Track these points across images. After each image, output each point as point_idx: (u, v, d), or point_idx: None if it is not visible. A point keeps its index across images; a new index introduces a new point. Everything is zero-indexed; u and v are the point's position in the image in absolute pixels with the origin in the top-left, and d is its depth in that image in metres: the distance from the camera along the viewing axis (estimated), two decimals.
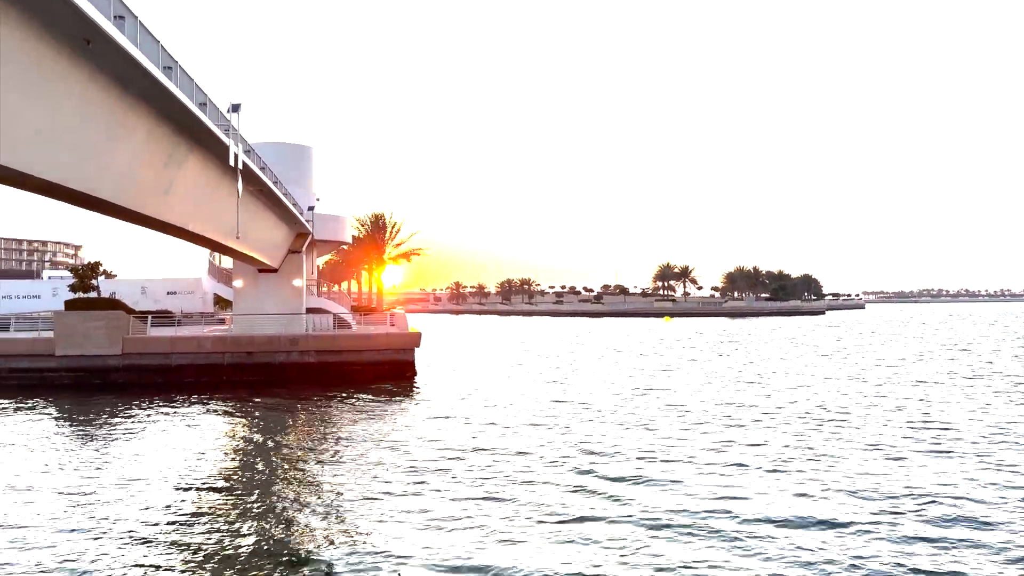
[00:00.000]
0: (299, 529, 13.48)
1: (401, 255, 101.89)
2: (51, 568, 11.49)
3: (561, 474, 17.01)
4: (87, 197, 16.68)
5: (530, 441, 20.84)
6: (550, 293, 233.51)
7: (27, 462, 19.13)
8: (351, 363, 37.45)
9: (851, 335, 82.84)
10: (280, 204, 34.14)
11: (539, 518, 13.60)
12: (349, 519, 13.87)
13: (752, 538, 12.55)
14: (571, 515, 13.71)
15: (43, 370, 35.84)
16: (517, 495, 15.18)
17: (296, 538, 12.99)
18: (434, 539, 12.54)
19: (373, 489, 15.93)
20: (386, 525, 13.37)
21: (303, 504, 15.11)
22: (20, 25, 11.91)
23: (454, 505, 14.52)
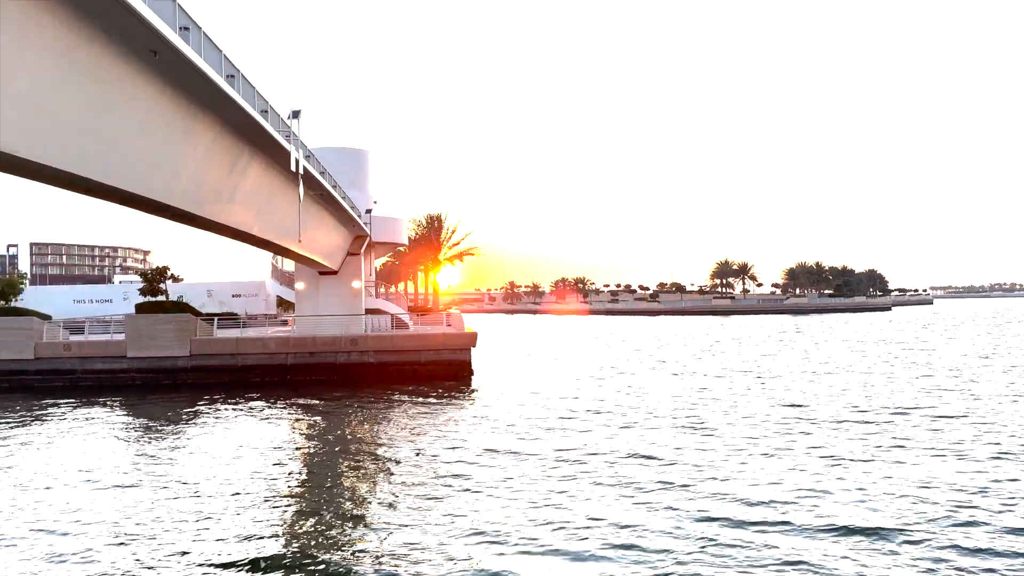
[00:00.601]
0: (355, 528, 13.64)
1: (456, 255, 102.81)
2: (116, 563, 11.97)
3: (618, 477, 16.78)
4: (158, 204, 17.33)
5: (587, 443, 20.65)
6: (605, 292, 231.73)
7: (99, 460, 19.94)
8: (409, 363, 37.92)
9: (925, 331, 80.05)
10: (339, 207, 34.80)
11: (595, 523, 13.43)
12: (404, 519, 13.99)
13: (812, 543, 12.26)
14: (627, 521, 13.47)
15: (115, 371, 37.31)
16: (573, 498, 15.04)
17: (351, 537, 13.16)
18: (487, 541, 12.52)
19: (428, 489, 16.04)
20: (439, 526, 13.44)
21: (360, 503, 15.34)
22: (93, 41, 12.44)
23: (509, 507, 14.48)
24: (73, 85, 12.42)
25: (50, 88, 11.91)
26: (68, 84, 12.29)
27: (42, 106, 11.87)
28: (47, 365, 37.41)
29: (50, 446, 22.05)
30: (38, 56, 11.33)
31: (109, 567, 11.74)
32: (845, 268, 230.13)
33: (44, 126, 12.10)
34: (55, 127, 12.40)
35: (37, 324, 38.42)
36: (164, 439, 23.01)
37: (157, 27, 12.48)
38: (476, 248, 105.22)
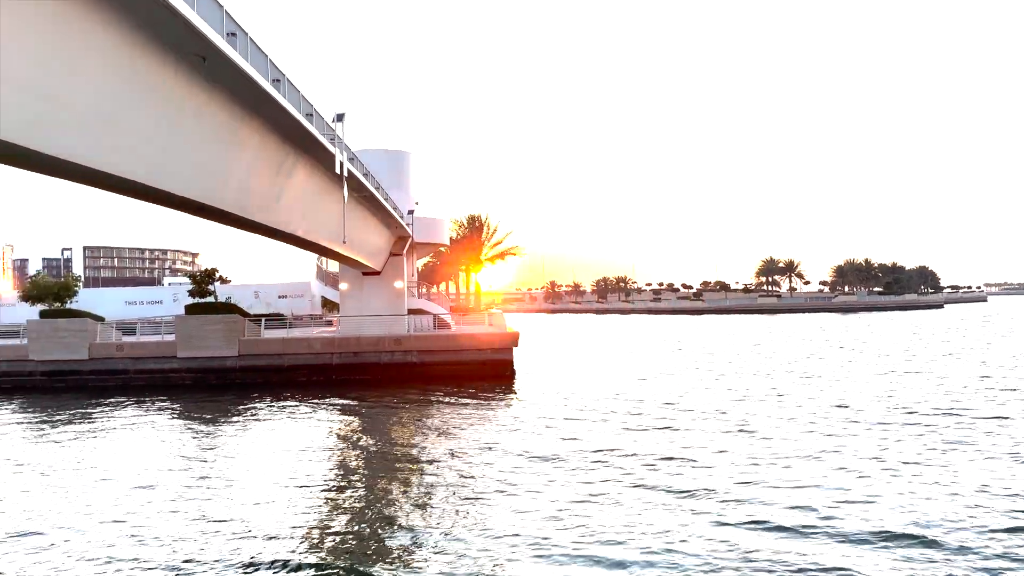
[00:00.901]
0: (394, 528, 13.68)
1: (497, 255, 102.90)
2: (165, 557, 12.21)
3: (661, 479, 16.59)
4: (208, 208, 17.67)
5: (629, 445, 20.44)
6: (647, 291, 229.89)
7: (150, 457, 20.42)
8: (451, 363, 38.08)
9: (979, 329, 77.67)
10: (382, 209, 35.11)
11: (637, 524, 13.29)
12: (444, 519, 14.02)
13: (861, 550, 11.93)
14: (668, 526, 13.27)
15: (166, 371, 38.24)
16: (616, 499, 14.90)
17: (389, 536, 13.22)
18: (526, 544, 12.43)
19: (470, 488, 16.10)
20: (481, 526, 13.45)
21: (399, 503, 15.39)
22: (146, 49, 12.71)
23: (550, 508, 14.39)
24: (128, 93, 12.72)
25: (108, 97, 12.21)
26: (124, 92, 12.59)
27: (100, 114, 12.17)
28: (101, 365, 38.52)
29: (104, 443, 22.66)
30: (97, 66, 11.62)
31: (158, 560, 12.00)
32: (895, 265, 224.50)
33: (100, 133, 12.41)
34: (112, 134, 12.70)
35: (91, 325, 39.57)
36: (213, 437, 23.47)
37: (207, 34, 12.70)
38: (517, 248, 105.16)
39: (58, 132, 11.28)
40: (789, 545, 12.12)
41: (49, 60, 10.56)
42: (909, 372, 37.66)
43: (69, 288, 70.50)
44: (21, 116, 10.31)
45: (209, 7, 13.11)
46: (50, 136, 11.10)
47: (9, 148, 10.42)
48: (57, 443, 22.94)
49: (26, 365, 38.64)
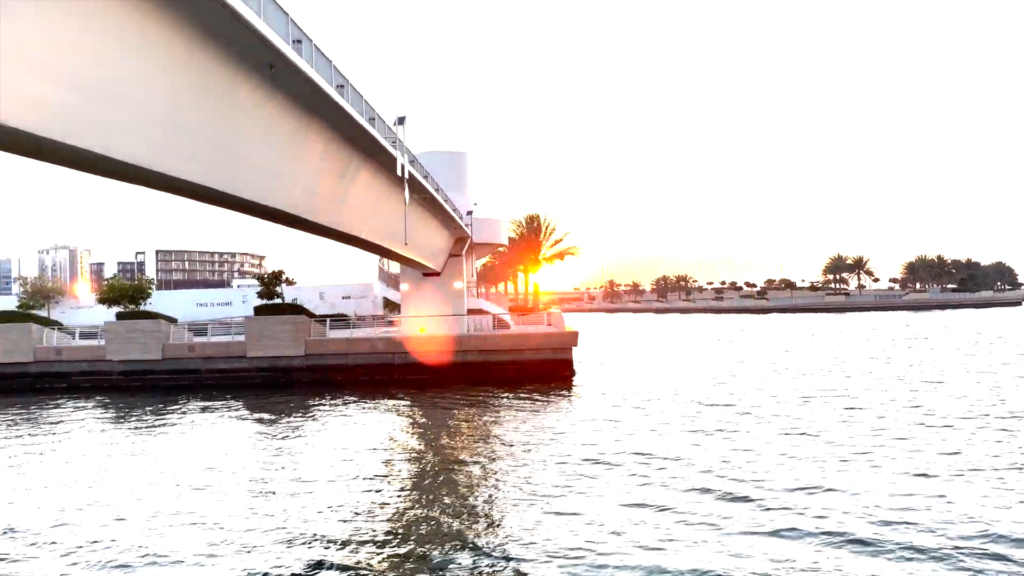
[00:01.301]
0: (451, 527, 13.75)
1: (555, 255, 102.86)
2: (230, 552, 12.61)
3: (720, 483, 16.10)
4: (275, 212, 18.18)
5: (691, 446, 20.07)
6: (709, 289, 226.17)
7: (223, 452, 21.10)
8: (511, 362, 38.22)
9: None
10: (442, 210, 35.50)
11: (694, 530, 12.99)
12: (500, 519, 14.04)
13: (930, 556, 11.50)
14: (728, 529, 12.95)
15: (236, 370, 39.45)
16: (673, 504, 14.54)
17: (446, 535, 13.29)
18: (582, 545, 12.32)
19: (527, 489, 16.04)
20: (536, 526, 13.38)
21: (457, 503, 15.45)
22: (216, 58, 13.16)
23: (605, 510, 14.21)
24: (199, 101, 13.20)
25: (180, 105, 12.69)
26: (195, 100, 13.07)
27: (172, 122, 12.67)
28: (174, 365, 39.99)
29: (179, 440, 23.53)
30: (168, 74, 12.10)
31: (228, 549, 12.42)
32: (970, 261, 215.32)
33: (174, 141, 12.91)
34: (183, 141, 13.20)
35: (164, 326, 41.10)
36: (280, 435, 24.08)
37: (274, 42, 13.08)
38: (575, 247, 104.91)
39: (130, 138, 11.77)
40: (854, 561, 11.74)
41: (121, 68, 11.02)
42: (983, 371, 36.10)
43: (143, 290, 73.64)
44: (93, 123, 10.79)
45: (275, 15, 13.50)
46: (122, 142, 11.59)
47: (81, 154, 10.92)
48: (137, 439, 23.93)
49: (104, 365, 40.39)
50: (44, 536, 13.86)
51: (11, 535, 14.02)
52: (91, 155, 11.08)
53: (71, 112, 10.28)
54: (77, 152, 10.81)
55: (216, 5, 11.36)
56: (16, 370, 40.90)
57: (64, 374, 40.71)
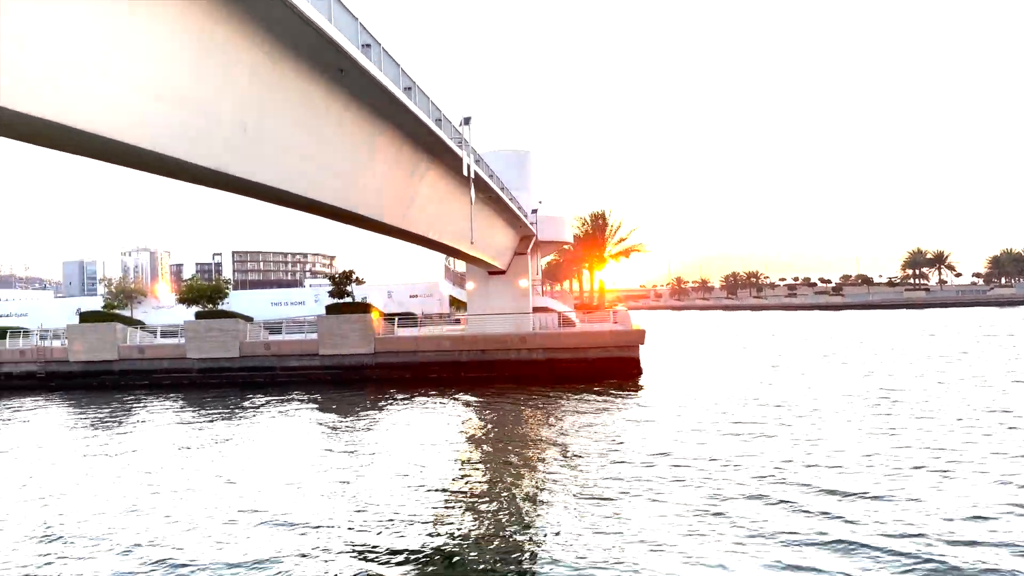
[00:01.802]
0: (513, 526, 13.73)
1: (621, 252, 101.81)
2: (312, 543, 12.91)
3: (788, 488, 15.52)
4: (346, 213, 18.57)
5: (761, 449, 19.44)
6: (781, 286, 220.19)
7: (298, 448, 21.67)
8: (577, 360, 38.10)
9: None
10: (507, 209, 35.61)
11: (761, 537, 12.57)
12: (563, 519, 13.94)
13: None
14: (797, 538, 12.44)
15: (309, 368, 40.50)
16: (739, 510, 14.07)
17: (509, 534, 13.28)
18: (645, 550, 12.10)
19: (590, 490, 15.86)
20: (594, 531, 13.22)
21: (522, 502, 15.37)
22: (288, 64, 13.51)
23: (668, 516, 13.87)
24: (273, 106, 13.57)
25: (254, 111, 13.08)
26: (269, 105, 13.45)
27: (245, 126, 13.06)
28: (250, 363, 41.32)
29: (257, 435, 24.28)
30: (244, 82, 12.48)
31: (300, 540, 12.75)
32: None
33: (247, 145, 13.31)
34: (261, 147, 13.60)
35: (241, 325, 42.49)
36: (350, 431, 24.58)
37: (344, 47, 13.35)
38: (641, 244, 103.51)
39: (209, 144, 12.19)
40: (946, 564, 11.24)
41: (201, 77, 11.42)
42: None
43: (220, 291, 76.28)
44: (174, 130, 11.22)
45: (345, 20, 13.77)
46: (201, 148, 12.02)
47: (163, 160, 11.37)
48: (217, 433, 24.81)
49: (184, 363, 42.05)
50: (126, 521, 14.52)
51: (103, 519, 14.73)
52: (172, 161, 11.53)
53: (154, 120, 10.71)
54: (159, 158, 11.26)
55: (289, 12, 11.65)
56: (102, 368, 42.96)
57: (146, 372, 42.54)
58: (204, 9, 10.94)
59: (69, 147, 10.46)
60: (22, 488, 18.21)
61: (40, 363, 43.96)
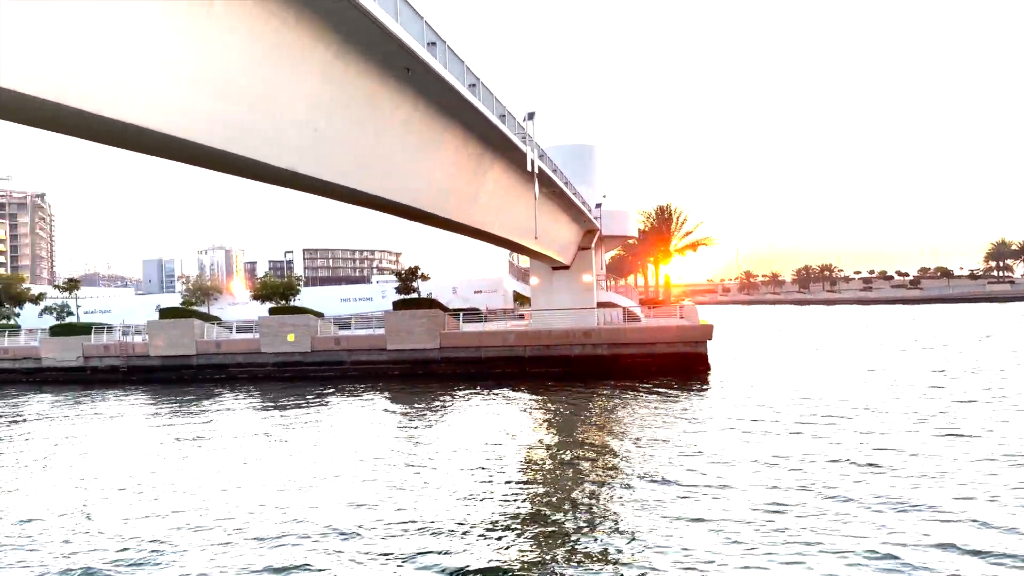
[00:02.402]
0: (573, 524, 13.63)
1: (687, 246, 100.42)
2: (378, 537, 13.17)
3: (865, 493, 14.79)
4: (412, 210, 18.85)
5: (831, 451, 18.65)
6: (855, 279, 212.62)
7: (366, 440, 22.13)
8: (642, 355, 37.71)
9: None
10: (571, 203, 35.50)
11: (819, 545, 12.04)
12: (624, 519, 13.77)
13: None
14: (873, 548, 11.86)
15: (377, 362, 41.26)
16: (809, 516, 13.46)
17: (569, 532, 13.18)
18: (709, 553, 11.82)
19: (655, 490, 15.61)
20: (662, 530, 13.02)
21: (582, 499, 15.29)
22: (357, 64, 13.78)
23: (731, 517, 13.49)
24: (342, 107, 13.87)
25: (323, 111, 13.40)
26: (338, 105, 13.75)
27: (316, 127, 13.39)
28: (321, 357, 42.36)
29: (328, 426, 24.92)
30: (313, 82, 12.79)
31: (372, 530, 13.03)
32: None
33: (317, 144, 13.65)
34: (328, 145, 13.93)
35: (313, 321, 43.60)
36: (415, 425, 24.95)
37: (411, 46, 13.54)
38: (709, 238, 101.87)
39: (278, 144, 12.55)
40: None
41: (270, 77, 11.76)
42: None
43: (292, 287, 78.49)
44: (243, 130, 11.57)
45: (411, 19, 13.95)
46: (270, 148, 12.38)
47: (231, 159, 11.75)
48: (293, 424, 25.57)
49: (259, 357, 43.40)
50: (212, 503, 15.13)
51: (198, 503, 15.40)
52: (245, 161, 11.91)
53: (227, 121, 11.09)
54: (232, 158, 11.65)
55: (356, 12, 11.87)
56: (181, 362, 44.73)
57: (222, 365, 44.09)
58: (275, 12, 11.25)
59: (145, 148, 10.92)
60: (121, 476, 19.15)
61: (123, 357, 46.06)
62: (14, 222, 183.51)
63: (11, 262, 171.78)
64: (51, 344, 47.49)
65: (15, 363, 48.51)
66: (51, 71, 8.04)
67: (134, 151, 11.13)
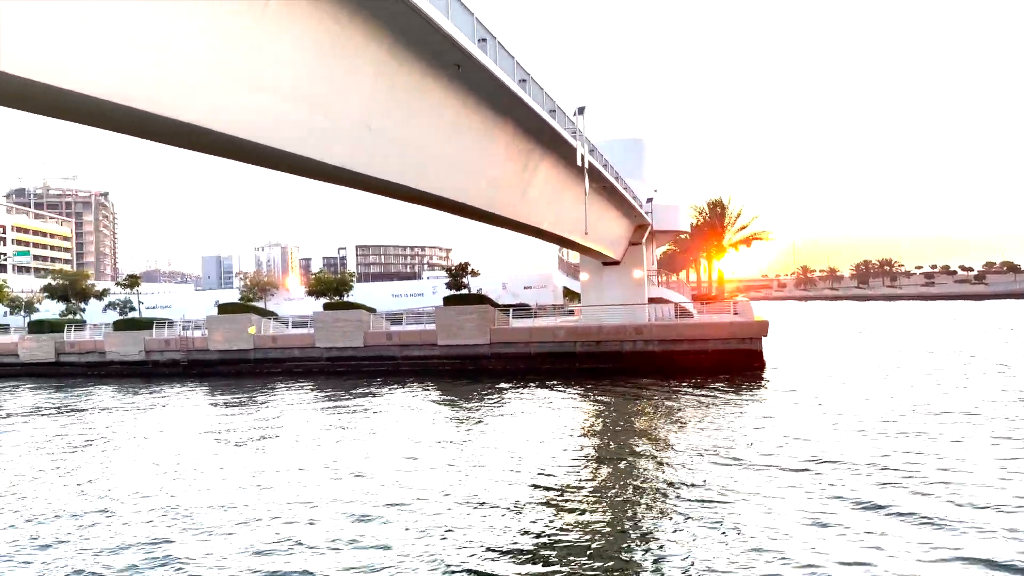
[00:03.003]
0: (621, 525, 13.47)
1: (741, 240, 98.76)
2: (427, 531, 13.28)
3: (921, 502, 14.08)
4: (462, 206, 18.94)
5: (888, 456, 17.82)
6: (917, 274, 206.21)
7: (417, 434, 22.35)
8: (694, 352, 37.20)
9: None
10: (621, 198, 35.21)
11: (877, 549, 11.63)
12: (670, 523, 13.53)
13: None
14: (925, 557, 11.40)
15: (428, 357, 41.64)
16: (868, 527, 12.91)
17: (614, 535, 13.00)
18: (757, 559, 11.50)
19: (704, 491, 15.26)
20: (709, 534, 12.70)
21: (630, 500, 15.10)
22: (408, 62, 13.89)
23: (783, 526, 12.99)
24: (394, 103, 14.01)
25: (377, 108, 13.55)
26: (390, 103, 13.89)
27: (368, 124, 13.55)
28: (373, 352, 42.95)
29: (380, 419, 25.25)
30: (367, 81, 12.94)
31: (428, 521, 13.16)
32: None
33: (370, 142, 13.81)
34: (381, 143, 14.09)
35: (365, 316, 44.23)
36: (468, 419, 25.09)
37: (462, 43, 13.59)
38: (764, 232, 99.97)
39: (332, 142, 12.73)
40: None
41: (324, 76, 11.93)
42: None
43: (346, 283, 79.76)
44: (300, 129, 11.77)
45: (462, 16, 14.00)
46: (325, 146, 12.57)
47: (290, 158, 11.96)
48: (349, 418, 26.01)
49: (313, 351, 44.24)
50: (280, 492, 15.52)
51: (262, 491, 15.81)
52: (300, 159, 12.13)
53: (283, 120, 11.29)
54: (288, 156, 11.87)
55: (409, 10, 11.97)
56: (239, 356, 45.88)
57: (279, 360, 45.07)
58: (329, 12, 11.41)
59: (205, 148, 11.20)
60: (196, 461, 19.77)
61: (183, 351, 47.47)
62: (79, 220, 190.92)
63: (76, 259, 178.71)
64: (115, 338, 49.22)
65: (80, 356, 50.46)
66: (119, 74, 8.30)
67: (194, 151, 11.44)
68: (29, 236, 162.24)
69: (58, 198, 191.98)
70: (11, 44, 7.15)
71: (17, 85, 7.51)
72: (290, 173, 13.84)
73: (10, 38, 7.13)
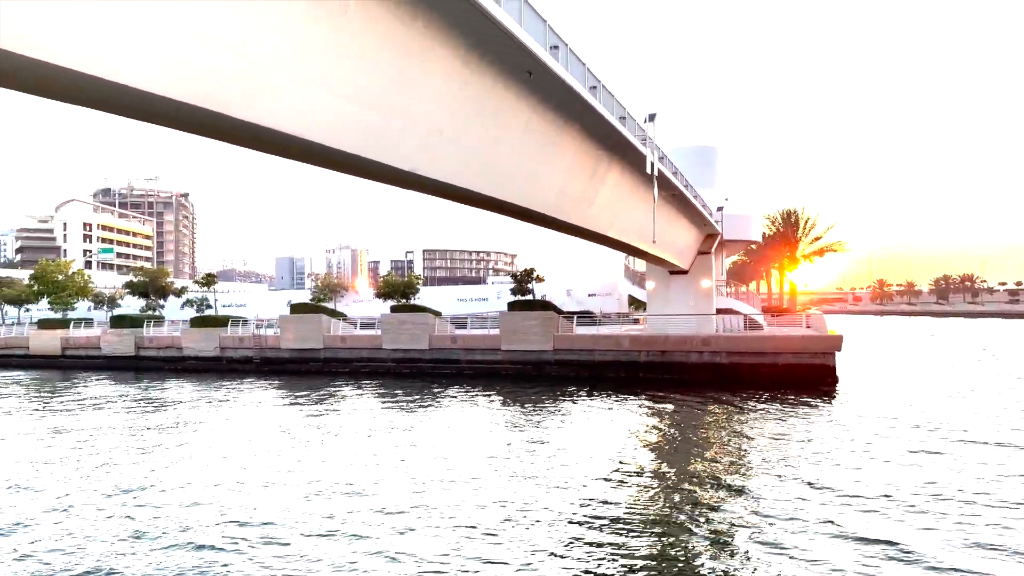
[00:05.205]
0: (684, 540, 13.21)
1: (815, 252, 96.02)
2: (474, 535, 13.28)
3: (983, 532, 13.31)
4: (529, 212, 18.99)
5: (971, 479, 17.00)
6: (1001, 291, 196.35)
7: (477, 436, 22.44)
8: (764, 365, 36.25)
9: None
10: (691, 207, 34.68)
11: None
12: (734, 543, 13.15)
13: None
14: None
15: (491, 362, 41.82)
16: (927, 550, 12.29)
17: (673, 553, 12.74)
18: None
19: (768, 512, 14.78)
20: (768, 560, 12.25)
21: (694, 514, 14.83)
22: (480, 68, 14.01)
23: (849, 550, 12.43)
24: (465, 109, 14.16)
25: (448, 114, 13.72)
26: (462, 109, 14.04)
27: (441, 130, 13.72)
28: (438, 355, 43.39)
29: (443, 421, 25.49)
30: (439, 86, 13.11)
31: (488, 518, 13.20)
32: None
33: (440, 147, 13.98)
34: (452, 148, 14.25)
35: (431, 319, 44.74)
36: (528, 425, 25.06)
37: (534, 50, 13.63)
38: (839, 243, 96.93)
39: (403, 147, 12.93)
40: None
41: (400, 82, 12.13)
42: None
43: (412, 286, 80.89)
44: (370, 133, 11.99)
45: (534, 23, 14.05)
46: (396, 151, 12.77)
47: (359, 162, 12.19)
48: (414, 419, 26.37)
49: (380, 352, 44.98)
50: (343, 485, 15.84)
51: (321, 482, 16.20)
52: (369, 163, 12.36)
53: (353, 124, 11.53)
54: (357, 160, 12.12)
55: (482, 18, 12.07)
56: (309, 355, 47.02)
57: (347, 360, 45.98)
58: (404, 20, 11.61)
59: (282, 151, 11.54)
60: (270, 454, 20.40)
61: (256, 349, 48.92)
62: (160, 220, 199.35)
63: (157, 257, 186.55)
64: (191, 335, 51.12)
65: (159, 351, 52.56)
66: (197, 78, 8.62)
67: (272, 154, 11.79)
68: (113, 234, 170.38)
69: (141, 198, 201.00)
70: (92, 49, 7.49)
71: (103, 88, 7.86)
72: (362, 177, 14.13)
73: (92, 43, 7.47)
